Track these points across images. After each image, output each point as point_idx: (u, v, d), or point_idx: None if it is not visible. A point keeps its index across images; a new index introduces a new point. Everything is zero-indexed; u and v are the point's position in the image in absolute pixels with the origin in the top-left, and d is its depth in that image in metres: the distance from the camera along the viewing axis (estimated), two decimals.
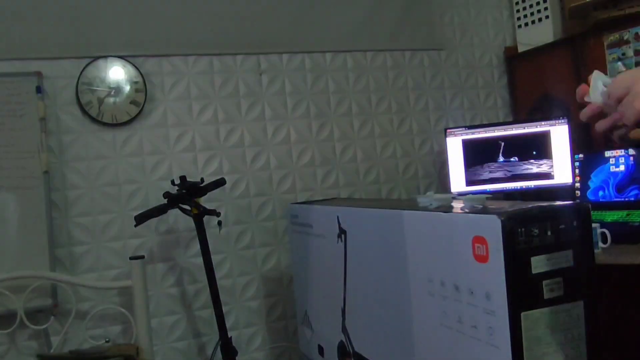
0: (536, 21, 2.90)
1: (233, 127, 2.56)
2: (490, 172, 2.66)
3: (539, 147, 2.58)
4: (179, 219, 2.42)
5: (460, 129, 2.71)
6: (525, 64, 3.01)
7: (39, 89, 2.22)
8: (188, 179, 2.25)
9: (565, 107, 2.63)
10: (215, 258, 2.31)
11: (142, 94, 2.39)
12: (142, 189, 2.40)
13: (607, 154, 2.43)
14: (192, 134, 2.50)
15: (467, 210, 1.26)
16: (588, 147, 2.56)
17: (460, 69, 3.02)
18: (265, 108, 2.62)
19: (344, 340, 1.94)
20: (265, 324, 2.60)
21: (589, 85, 0.91)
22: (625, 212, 2.27)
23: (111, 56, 2.36)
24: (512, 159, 2.62)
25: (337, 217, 1.90)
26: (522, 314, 1.13)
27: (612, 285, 1.85)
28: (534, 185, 2.60)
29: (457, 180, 2.70)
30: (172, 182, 2.25)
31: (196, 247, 2.31)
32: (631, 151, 2.35)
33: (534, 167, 2.59)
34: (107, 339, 2.20)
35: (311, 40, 2.70)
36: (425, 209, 1.43)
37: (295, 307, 2.46)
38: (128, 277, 2.21)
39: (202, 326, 2.48)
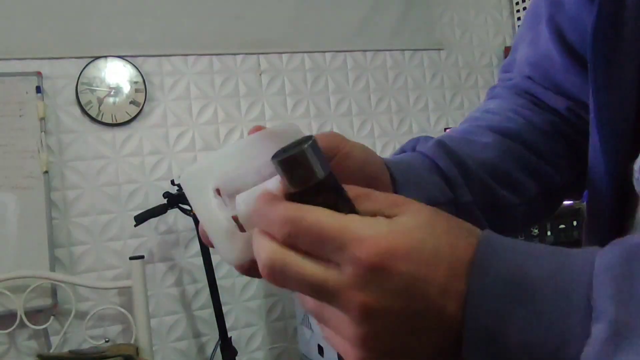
0: None
1: (233, 127, 2.56)
2: None
3: None
4: (179, 219, 2.42)
5: None
6: None
7: (39, 89, 2.22)
8: None
9: None
10: (215, 258, 2.30)
11: (142, 94, 2.39)
12: (142, 189, 2.40)
13: None
14: (192, 134, 2.50)
15: None
16: None
17: (460, 68, 3.02)
18: (265, 108, 2.62)
19: None
20: (265, 324, 2.60)
21: None
22: None
23: (111, 56, 2.36)
24: None
25: None
26: None
27: None
28: None
29: None
30: (172, 182, 2.25)
31: (196, 247, 2.31)
32: None
33: None
34: (106, 339, 2.20)
35: (311, 40, 2.70)
36: None
37: (295, 307, 2.46)
38: (128, 277, 2.21)
39: (202, 326, 2.48)
